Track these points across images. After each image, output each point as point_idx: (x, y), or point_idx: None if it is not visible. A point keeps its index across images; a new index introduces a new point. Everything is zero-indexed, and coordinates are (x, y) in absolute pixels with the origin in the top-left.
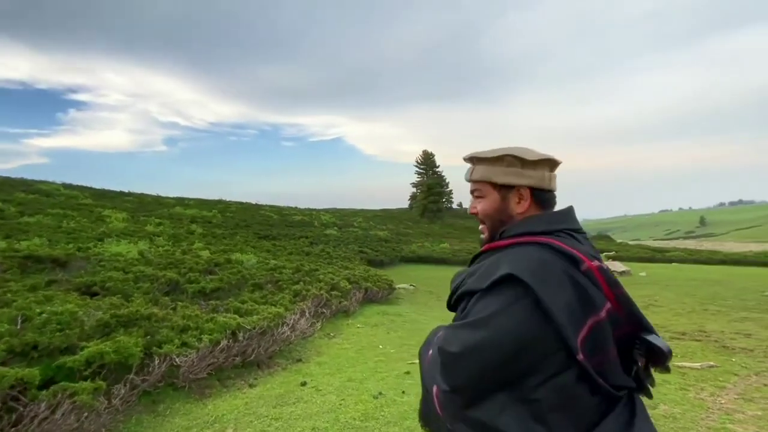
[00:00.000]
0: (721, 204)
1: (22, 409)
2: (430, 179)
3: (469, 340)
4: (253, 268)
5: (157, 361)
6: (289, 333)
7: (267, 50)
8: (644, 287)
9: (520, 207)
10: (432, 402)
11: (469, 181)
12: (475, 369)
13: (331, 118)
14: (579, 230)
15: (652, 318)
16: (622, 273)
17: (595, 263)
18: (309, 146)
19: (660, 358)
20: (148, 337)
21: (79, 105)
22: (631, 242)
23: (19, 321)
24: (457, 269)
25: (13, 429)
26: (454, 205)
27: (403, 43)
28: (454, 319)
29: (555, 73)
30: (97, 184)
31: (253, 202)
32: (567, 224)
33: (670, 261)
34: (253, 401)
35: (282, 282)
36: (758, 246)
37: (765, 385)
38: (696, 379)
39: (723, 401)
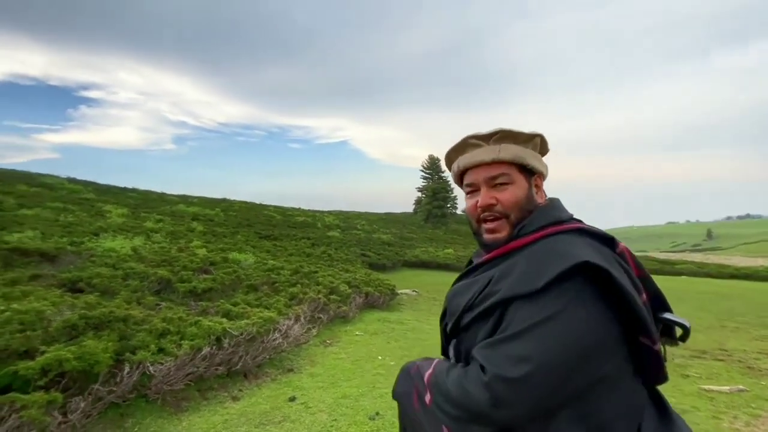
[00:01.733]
0: (729, 217)
1: None
2: (435, 184)
3: (535, 351)
4: (249, 269)
5: (127, 370)
6: (280, 340)
7: (277, 52)
8: None
9: (540, 197)
10: None
11: (494, 162)
12: (549, 390)
13: (337, 121)
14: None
15: None
16: None
17: (624, 245)
18: (315, 148)
19: (682, 335)
20: (123, 341)
21: (89, 102)
22: (637, 253)
23: None
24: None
25: None
26: (459, 211)
27: (411, 48)
28: (458, 343)
29: (561, 82)
30: (106, 181)
31: (257, 202)
32: (570, 213)
33: (679, 273)
34: (234, 419)
35: (279, 284)
36: (767, 260)
37: None
38: (727, 405)
39: None
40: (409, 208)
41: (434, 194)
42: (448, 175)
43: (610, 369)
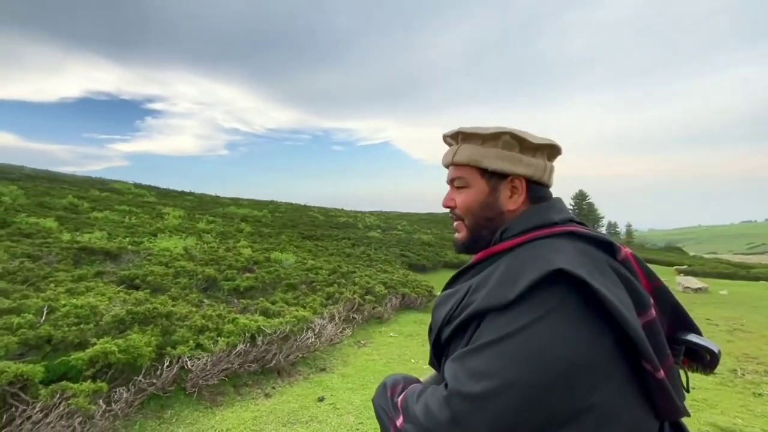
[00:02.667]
0: None
1: (15, 409)
2: None
3: (496, 366)
4: (290, 268)
5: (167, 363)
6: (313, 339)
7: (321, 58)
8: (726, 308)
9: (512, 203)
10: None
11: (450, 165)
12: (512, 412)
13: (379, 122)
14: (581, 222)
15: (739, 346)
16: (698, 290)
17: (629, 250)
18: (358, 150)
19: (709, 361)
20: (166, 336)
21: (154, 113)
22: (706, 255)
23: (45, 312)
24: None
25: (6, 429)
26: None
27: (454, 46)
28: (446, 357)
29: (613, 74)
30: (167, 185)
31: (302, 204)
32: (570, 215)
33: (756, 278)
34: (263, 416)
35: (316, 283)
36: None
37: None
38: None
39: None
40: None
41: None
42: None
43: (602, 397)
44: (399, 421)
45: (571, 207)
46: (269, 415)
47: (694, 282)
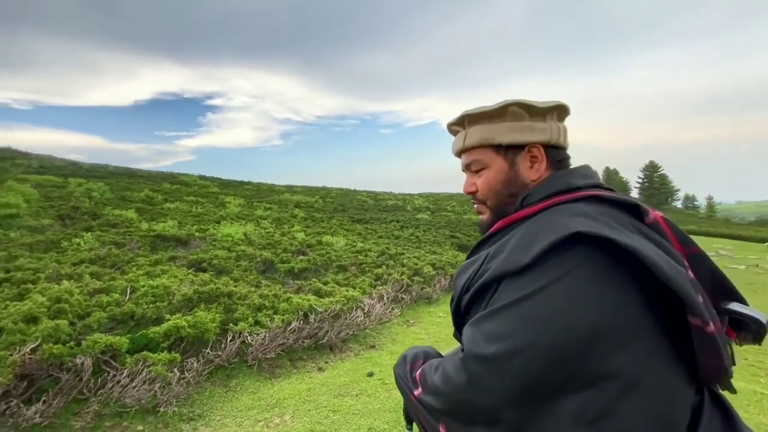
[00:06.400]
0: None
1: (107, 374)
2: None
3: (510, 328)
4: (340, 250)
5: (230, 338)
6: (363, 318)
7: (366, 41)
8: None
9: (534, 172)
10: None
11: (462, 151)
12: (526, 374)
13: (426, 101)
14: (610, 187)
15: None
16: None
17: (659, 213)
18: (405, 132)
19: (756, 332)
20: (228, 313)
21: (214, 109)
22: None
23: (128, 292)
24: None
25: (100, 391)
26: None
27: (502, 15)
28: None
29: (685, 29)
30: (228, 176)
31: (352, 188)
32: (599, 180)
33: None
34: (316, 387)
35: (365, 265)
36: None
37: None
38: None
39: None
40: None
41: None
42: None
43: (625, 362)
44: (417, 392)
45: (641, 180)
46: (322, 387)
47: None
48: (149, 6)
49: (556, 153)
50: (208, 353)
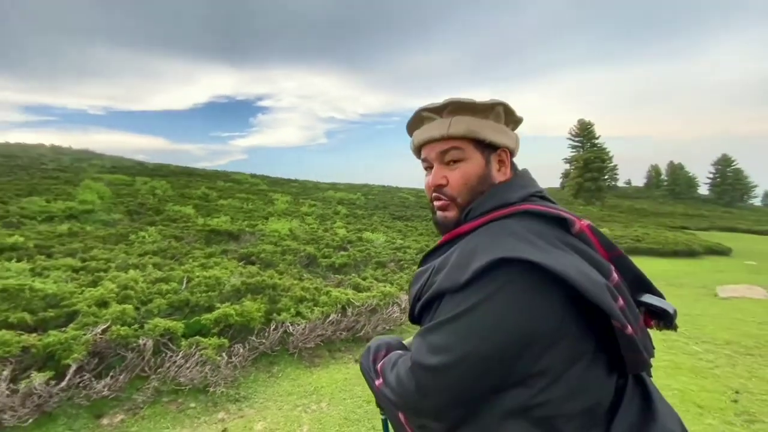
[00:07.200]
0: None
1: (164, 354)
2: (587, 153)
3: (450, 341)
4: (380, 247)
5: (273, 327)
6: (399, 313)
7: (410, 37)
8: None
9: (501, 175)
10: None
11: (442, 139)
12: (465, 381)
13: (473, 95)
14: (544, 194)
15: None
16: None
17: (585, 222)
18: None
19: (666, 320)
20: (272, 304)
21: (264, 110)
22: None
23: (185, 282)
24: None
25: (159, 370)
26: (621, 183)
27: (555, 1)
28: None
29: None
30: (276, 174)
31: (393, 185)
32: (536, 187)
33: None
34: (352, 378)
35: (404, 261)
36: None
37: None
38: None
39: None
40: (555, 182)
41: (586, 165)
42: (604, 141)
43: (551, 362)
44: (378, 383)
45: (712, 175)
46: (357, 378)
47: None
48: (205, 15)
49: (514, 161)
50: (253, 340)
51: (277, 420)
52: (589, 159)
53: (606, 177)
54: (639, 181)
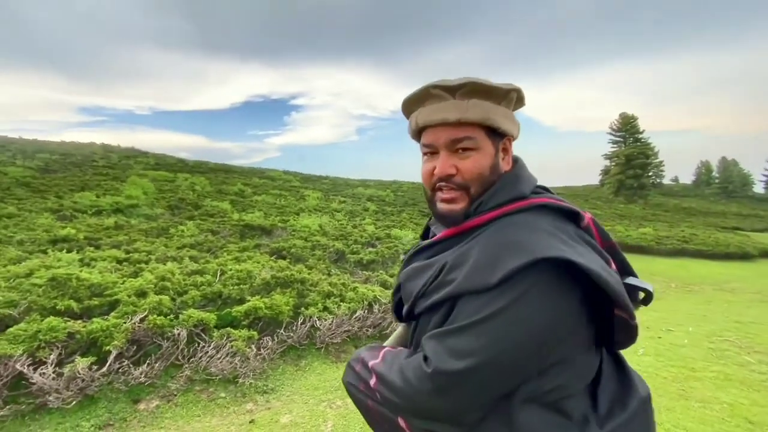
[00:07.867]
0: None
1: (197, 344)
2: (629, 149)
3: (477, 345)
4: (408, 244)
5: (301, 321)
6: None
7: (440, 32)
8: None
9: (505, 164)
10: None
11: (458, 123)
12: (491, 384)
13: None
14: (547, 189)
15: None
16: None
17: (589, 215)
18: None
19: (645, 299)
20: (300, 298)
21: (297, 108)
22: None
23: (219, 274)
24: (657, 260)
25: (192, 359)
26: (667, 180)
27: None
28: (414, 329)
29: None
30: (308, 171)
31: None
32: (535, 180)
33: None
34: None
35: None
36: None
37: None
38: None
39: None
40: (594, 179)
41: (628, 161)
42: (648, 136)
43: (567, 351)
44: (372, 382)
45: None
46: None
47: None
48: (243, 16)
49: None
50: (282, 333)
51: (303, 414)
52: (632, 155)
53: (650, 174)
54: (687, 178)
